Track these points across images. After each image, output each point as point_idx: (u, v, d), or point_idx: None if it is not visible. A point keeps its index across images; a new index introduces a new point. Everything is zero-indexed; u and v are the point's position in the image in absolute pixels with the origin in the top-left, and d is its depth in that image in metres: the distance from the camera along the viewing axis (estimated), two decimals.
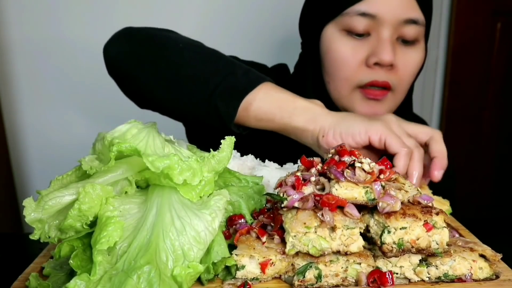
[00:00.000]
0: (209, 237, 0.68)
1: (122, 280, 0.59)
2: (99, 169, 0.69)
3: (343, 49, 1.13)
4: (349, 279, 0.69)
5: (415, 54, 1.17)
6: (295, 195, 0.70)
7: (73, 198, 0.70)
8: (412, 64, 1.16)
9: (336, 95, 1.20)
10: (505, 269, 0.73)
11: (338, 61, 1.15)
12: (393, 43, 1.11)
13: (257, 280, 0.69)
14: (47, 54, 2.15)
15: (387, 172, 0.72)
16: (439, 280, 0.70)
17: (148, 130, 0.75)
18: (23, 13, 2.11)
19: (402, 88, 1.19)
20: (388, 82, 1.13)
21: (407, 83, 1.19)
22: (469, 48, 2.61)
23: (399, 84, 1.16)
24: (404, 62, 1.15)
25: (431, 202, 0.71)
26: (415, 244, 0.68)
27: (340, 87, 1.17)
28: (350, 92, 1.16)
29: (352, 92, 1.16)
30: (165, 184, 0.70)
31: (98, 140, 0.74)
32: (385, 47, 1.09)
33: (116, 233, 0.65)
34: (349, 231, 0.67)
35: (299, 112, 0.98)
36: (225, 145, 0.74)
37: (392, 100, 1.18)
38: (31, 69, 2.15)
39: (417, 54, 1.17)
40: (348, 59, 1.13)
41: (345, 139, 0.93)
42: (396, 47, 1.12)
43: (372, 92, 1.14)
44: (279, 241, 0.71)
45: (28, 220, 0.69)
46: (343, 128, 0.94)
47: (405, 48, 1.15)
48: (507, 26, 2.61)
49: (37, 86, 1.23)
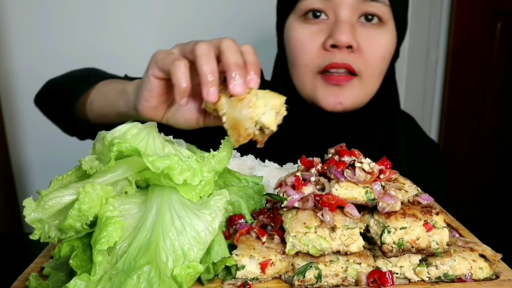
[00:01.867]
0: (209, 237, 0.68)
1: (122, 280, 0.59)
2: (99, 169, 0.69)
3: (300, 35, 1.11)
4: (349, 279, 0.69)
5: (382, 36, 1.11)
6: (295, 195, 0.70)
7: (73, 198, 0.70)
8: (379, 46, 1.10)
9: (299, 84, 1.16)
10: (505, 269, 0.73)
11: (296, 48, 1.12)
12: (352, 24, 1.06)
13: (257, 280, 0.69)
14: (47, 54, 2.15)
15: (387, 172, 0.72)
16: (439, 280, 0.70)
17: (148, 130, 0.75)
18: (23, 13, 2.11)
19: (371, 74, 1.12)
20: (349, 65, 1.08)
21: (376, 68, 1.12)
22: (469, 48, 2.61)
23: (366, 69, 1.10)
24: (370, 44, 1.09)
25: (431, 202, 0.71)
26: (415, 244, 0.68)
27: (301, 74, 1.13)
28: (312, 79, 1.12)
29: (314, 79, 1.12)
30: (165, 184, 0.70)
31: (98, 140, 0.74)
32: (341, 27, 1.04)
33: (116, 233, 0.65)
34: (349, 231, 0.67)
35: (118, 98, 0.95)
36: (225, 145, 0.74)
37: (359, 86, 1.12)
38: (31, 69, 2.15)
39: (384, 36, 1.11)
40: (305, 44, 1.10)
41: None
42: (357, 28, 1.08)
43: (334, 78, 1.09)
44: (279, 241, 0.71)
45: (28, 220, 0.69)
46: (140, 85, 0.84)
47: (370, 29, 1.09)
48: (507, 26, 2.62)
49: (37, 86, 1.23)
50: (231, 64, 0.72)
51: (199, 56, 0.72)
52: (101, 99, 1.05)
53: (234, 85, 0.71)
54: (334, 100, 1.11)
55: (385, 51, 1.12)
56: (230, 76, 0.71)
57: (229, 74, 0.72)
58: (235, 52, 0.74)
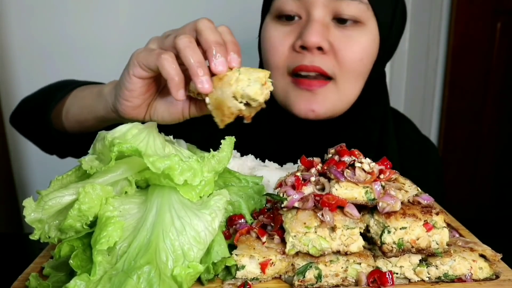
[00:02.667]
0: (209, 237, 0.68)
1: (122, 280, 0.59)
2: (99, 169, 0.69)
3: (272, 36, 1.06)
4: (349, 279, 0.69)
5: (360, 37, 1.02)
6: (295, 195, 0.70)
7: (73, 198, 0.70)
8: (355, 48, 1.02)
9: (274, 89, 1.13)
10: (505, 269, 0.73)
11: (268, 49, 1.07)
12: (324, 24, 1.00)
13: (257, 280, 0.69)
14: (47, 54, 2.15)
15: (387, 172, 0.72)
16: (439, 280, 0.70)
17: (148, 130, 0.75)
18: (24, 13, 2.11)
19: (348, 78, 1.04)
20: (320, 68, 1.01)
21: (352, 71, 1.04)
22: (469, 48, 2.61)
23: (341, 72, 1.03)
24: (344, 45, 1.01)
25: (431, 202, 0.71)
26: (415, 244, 0.68)
27: (274, 78, 1.05)
28: (283, 83, 1.06)
29: (285, 83, 1.06)
30: (165, 184, 0.70)
31: (98, 140, 0.74)
32: (310, 27, 0.98)
33: (116, 233, 0.65)
34: (349, 231, 0.67)
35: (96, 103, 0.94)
36: (225, 145, 0.74)
37: (335, 92, 1.04)
38: (31, 69, 2.15)
39: (362, 37, 1.02)
40: (276, 45, 1.05)
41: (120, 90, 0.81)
42: (330, 28, 1.01)
43: (306, 82, 1.02)
44: (279, 241, 0.71)
45: (28, 220, 0.69)
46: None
47: (345, 30, 1.02)
48: (507, 26, 2.61)
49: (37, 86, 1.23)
50: (210, 43, 0.71)
51: (183, 49, 0.71)
52: (77, 106, 1.02)
53: (216, 63, 0.70)
54: (306, 107, 1.05)
55: (362, 52, 1.03)
56: (211, 54, 0.71)
57: (209, 53, 0.71)
58: (212, 31, 0.73)
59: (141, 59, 0.75)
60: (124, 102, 0.80)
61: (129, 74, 0.77)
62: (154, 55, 0.73)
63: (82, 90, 1.04)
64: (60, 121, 1.07)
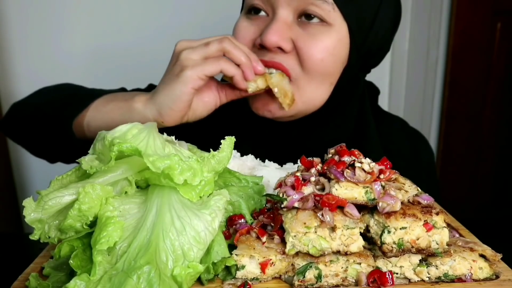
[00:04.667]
0: (209, 237, 0.68)
1: (122, 280, 0.59)
2: (99, 169, 0.69)
3: (237, 29, 1.06)
4: (349, 279, 0.69)
5: (322, 36, 0.98)
6: (295, 195, 0.70)
7: (73, 198, 0.69)
8: (319, 48, 0.98)
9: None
10: (505, 269, 0.73)
11: None
12: (287, 23, 0.98)
13: (257, 280, 0.69)
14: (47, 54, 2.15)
15: (387, 172, 0.72)
16: (439, 280, 0.70)
17: (148, 130, 0.75)
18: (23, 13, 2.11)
19: (310, 78, 1.01)
20: (280, 64, 0.98)
21: (313, 71, 1.00)
22: (469, 48, 2.61)
23: (303, 72, 1.00)
24: (307, 43, 0.98)
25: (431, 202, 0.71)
26: (415, 244, 0.68)
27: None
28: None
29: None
30: (165, 184, 0.70)
31: (98, 140, 0.74)
32: (271, 26, 0.97)
33: (116, 233, 0.65)
34: (349, 231, 0.67)
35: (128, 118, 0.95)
36: (225, 145, 0.74)
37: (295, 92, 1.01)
38: (31, 69, 2.16)
39: (324, 37, 0.98)
40: (239, 38, 1.03)
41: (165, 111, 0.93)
42: (294, 27, 0.99)
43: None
44: (279, 241, 0.71)
45: (28, 220, 0.69)
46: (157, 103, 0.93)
47: (310, 29, 0.99)
48: (507, 26, 2.62)
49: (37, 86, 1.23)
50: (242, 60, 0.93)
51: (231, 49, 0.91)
52: (102, 121, 1.01)
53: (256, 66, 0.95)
54: (263, 106, 1.04)
55: (324, 52, 0.98)
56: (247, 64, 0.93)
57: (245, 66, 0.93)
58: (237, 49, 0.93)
59: (198, 71, 0.89)
60: (176, 113, 0.92)
61: (187, 88, 0.89)
62: (213, 63, 0.90)
63: (104, 105, 1.03)
64: (81, 132, 1.05)
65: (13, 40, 2.14)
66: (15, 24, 2.12)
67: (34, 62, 2.16)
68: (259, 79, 0.95)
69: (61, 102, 1.11)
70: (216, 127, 1.11)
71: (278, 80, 0.97)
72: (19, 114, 1.19)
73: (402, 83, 2.56)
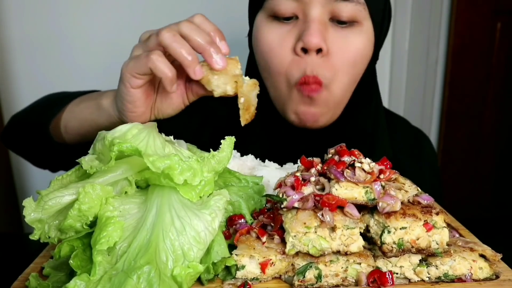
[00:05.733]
0: (209, 237, 0.68)
1: (122, 280, 0.59)
2: (99, 169, 0.69)
3: (269, 38, 1.01)
4: (349, 279, 0.69)
5: (355, 38, 1.00)
6: (295, 195, 0.70)
7: (73, 198, 0.69)
8: (350, 48, 1.00)
9: (273, 93, 1.08)
10: (505, 269, 0.73)
11: (266, 53, 1.03)
12: (323, 24, 0.97)
13: (257, 280, 0.69)
14: (47, 53, 2.15)
15: (387, 172, 0.72)
16: (439, 280, 0.70)
17: (148, 130, 0.75)
18: (23, 12, 2.11)
19: (339, 81, 1.02)
20: (317, 78, 0.99)
21: (344, 73, 1.01)
22: (469, 48, 2.61)
23: (333, 77, 1.01)
24: (341, 46, 0.99)
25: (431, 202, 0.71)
26: (415, 244, 0.68)
27: (277, 83, 1.04)
28: (289, 91, 1.03)
29: (291, 91, 1.03)
30: (165, 184, 0.70)
31: (98, 140, 0.74)
32: (310, 28, 0.95)
33: (116, 233, 0.65)
34: (349, 231, 0.67)
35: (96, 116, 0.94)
36: (225, 145, 0.74)
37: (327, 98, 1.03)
38: (31, 68, 2.15)
39: (357, 38, 1.00)
40: (276, 49, 1.01)
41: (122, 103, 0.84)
42: (328, 29, 0.99)
43: (308, 88, 1.00)
44: (279, 241, 0.71)
45: (28, 220, 0.69)
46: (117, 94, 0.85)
47: (342, 30, 0.99)
48: (507, 26, 2.62)
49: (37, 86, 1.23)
50: (203, 45, 0.75)
51: (169, 44, 0.74)
52: (75, 120, 1.02)
53: (215, 62, 0.75)
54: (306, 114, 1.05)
55: (358, 54, 1.01)
56: (209, 55, 0.75)
57: (206, 54, 0.75)
58: (198, 32, 0.76)
59: (132, 68, 0.77)
60: (129, 114, 0.83)
61: (126, 87, 0.80)
62: (143, 59, 0.75)
63: (77, 104, 1.03)
64: (60, 134, 1.06)
65: (13, 40, 2.14)
66: (15, 24, 2.11)
67: (34, 62, 2.16)
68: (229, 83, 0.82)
69: (40, 107, 1.13)
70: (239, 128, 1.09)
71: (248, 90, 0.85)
72: (15, 126, 1.20)
73: (402, 83, 2.56)
